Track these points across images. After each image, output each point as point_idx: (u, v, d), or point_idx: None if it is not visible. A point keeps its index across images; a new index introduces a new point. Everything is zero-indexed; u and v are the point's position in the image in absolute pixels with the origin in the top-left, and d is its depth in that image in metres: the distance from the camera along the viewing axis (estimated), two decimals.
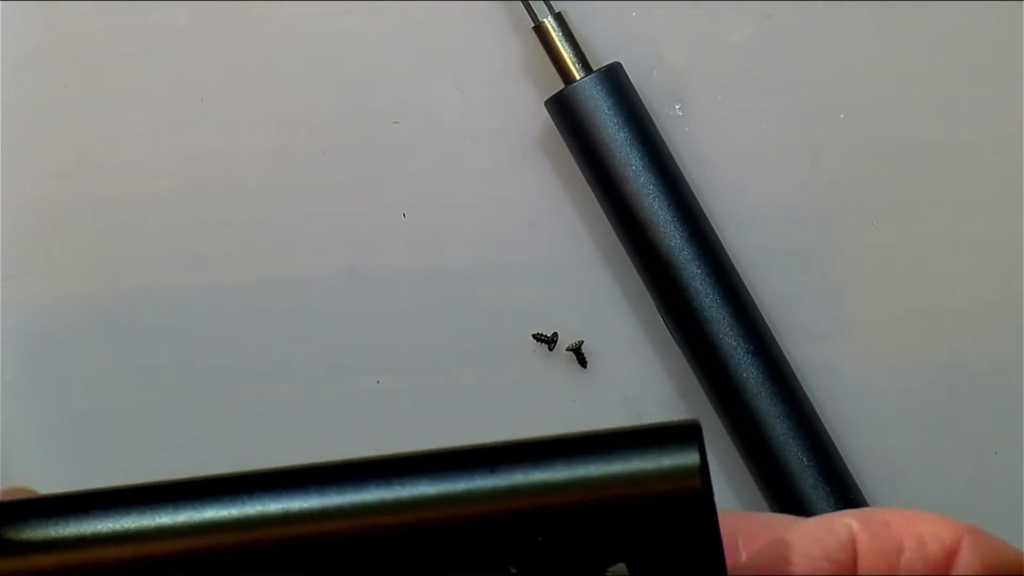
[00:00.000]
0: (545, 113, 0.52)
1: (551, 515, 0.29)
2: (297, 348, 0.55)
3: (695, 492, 0.29)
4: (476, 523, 0.29)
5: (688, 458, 0.29)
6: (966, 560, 0.32)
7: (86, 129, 0.55)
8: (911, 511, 0.33)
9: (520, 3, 0.51)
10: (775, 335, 0.52)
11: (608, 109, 0.50)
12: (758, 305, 0.52)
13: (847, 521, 0.32)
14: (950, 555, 0.32)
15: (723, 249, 0.52)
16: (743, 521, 0.34)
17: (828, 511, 0.50)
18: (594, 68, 0.51)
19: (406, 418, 0.54)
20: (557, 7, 0.51)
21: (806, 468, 0.50)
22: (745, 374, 0.50)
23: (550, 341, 0.54)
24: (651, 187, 0.50)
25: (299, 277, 0.55)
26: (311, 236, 0.54)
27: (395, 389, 0.54)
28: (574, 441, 0.30)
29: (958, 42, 0.52)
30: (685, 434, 0.30)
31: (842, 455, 0.52)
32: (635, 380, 0.54)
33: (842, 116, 0.53)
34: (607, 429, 0.30)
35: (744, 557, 0.33)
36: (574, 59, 0.51)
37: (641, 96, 0.52)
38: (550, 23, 0.51)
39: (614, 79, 0.51)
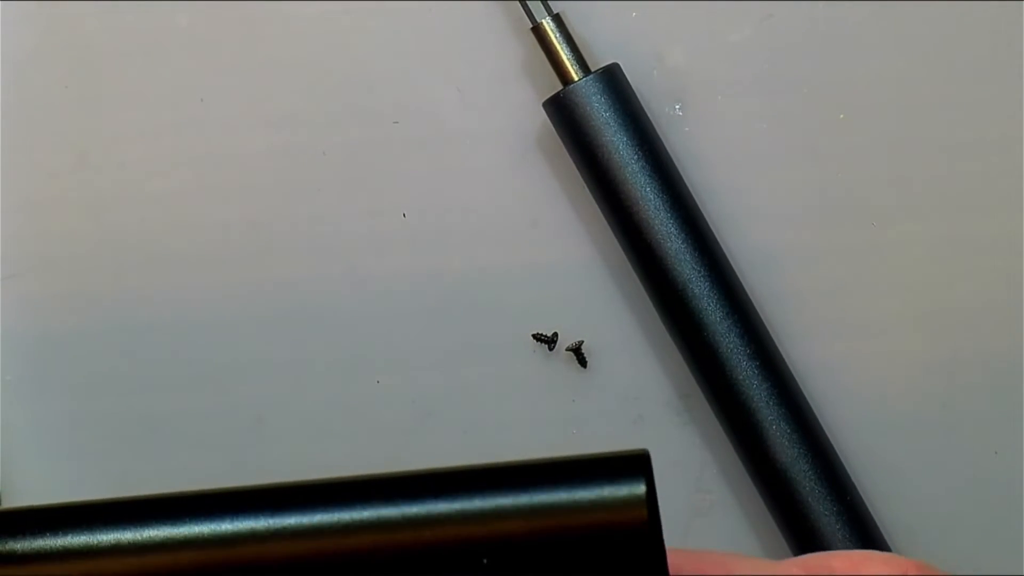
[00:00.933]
0: (544, 113, 0.52)
1: (499, 542, 0.30)
2: (297, 348, 0.55)
3: (642, 523, 0.30)
4: (423, 547, 0.30)
5: (635, 489, 0.30)
6: None
7: (86, 129, 0.55)
8: (858, 553, 0.34)
9: (519, 4, 0.51)
10: (774, 335, 0.52)
11: (605, 110, 0.50)
12: (757, 305, 0.52)
13: (793, 574, 0.33)
14: None
15: (722, 249, 0.52)
16: (695, 559, 0.34)
17: (827, 512, 0.50)
18: (593, 69, 0.51)
19: (406, 418, 0.54)
20: (556, 8, 0.51)
21: (804, 468, 0.50)
22: (744, 374, 0.50)
23: (550, 341, 0.54)
24: (649, 188, 0.50)
25: (299, 277, 0.55)
26: (311, 236, 0.54)
27: (395, 389, 0.54)
28: (524, 469, 0.31)
29: (958, 42, 0.52)
30: (633, 465, 0.31)
31: (841, 455, 0.52)
32: (635, 380, 0.54)
33: (842, 116, 0.53)
34: (559, 457, 0.31)
35: None
36: (572, 60, 0.51)
37: (641, 96, 0.52)
38: (548, 24, 0.51)
39: (612, 80, 0.51)
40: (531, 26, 0.51)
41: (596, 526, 0.30)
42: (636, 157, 0.50)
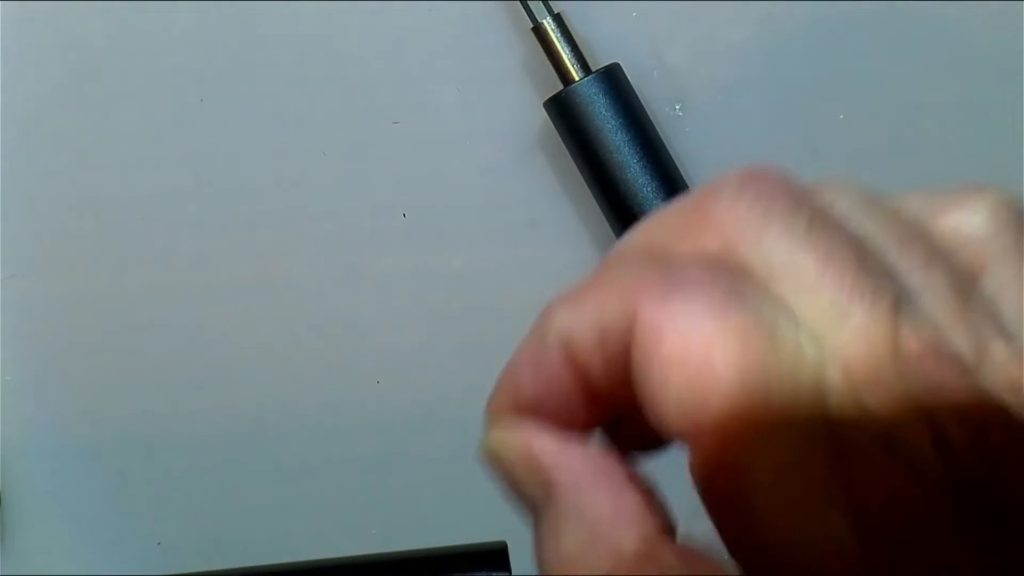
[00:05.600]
0: (544, 113, 0.52)
1: None
2: (297, 348, 0.55)
3: None
4: None
5: None
6: None
7: (86, 128, 0.55)
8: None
9: (519, 4, 0.51)
10: None
11: (606, 110, 0.50)
12: None
13: None
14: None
15: None
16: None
17: None
18: (593, 69, 0.51)
19: (406, 418, 0.54)
20: (556, 7, 0.51)
21: None
22: None
23: None
24: (649, 188, 0.50)
25: (299, 277, 0.55)
26: (311, 236, 0.54)
27: (395, 389, 0.54)
28: (389, 565, 0.31)
29: (958, 42, 0.52)
30: (494, 559, 0.31)
31: None
32: None
33: (842, 116, 0.53)
34: (422, 550, 0.31)
35: None
36: (572, 60, 0.51)
37: (641, 96, 0.52)
38: (549, 24, 0.51)
39: (612, 80, 0.51)
40: (532, 26, 0.51)
41: None
42: (636, 157, 0.50)
